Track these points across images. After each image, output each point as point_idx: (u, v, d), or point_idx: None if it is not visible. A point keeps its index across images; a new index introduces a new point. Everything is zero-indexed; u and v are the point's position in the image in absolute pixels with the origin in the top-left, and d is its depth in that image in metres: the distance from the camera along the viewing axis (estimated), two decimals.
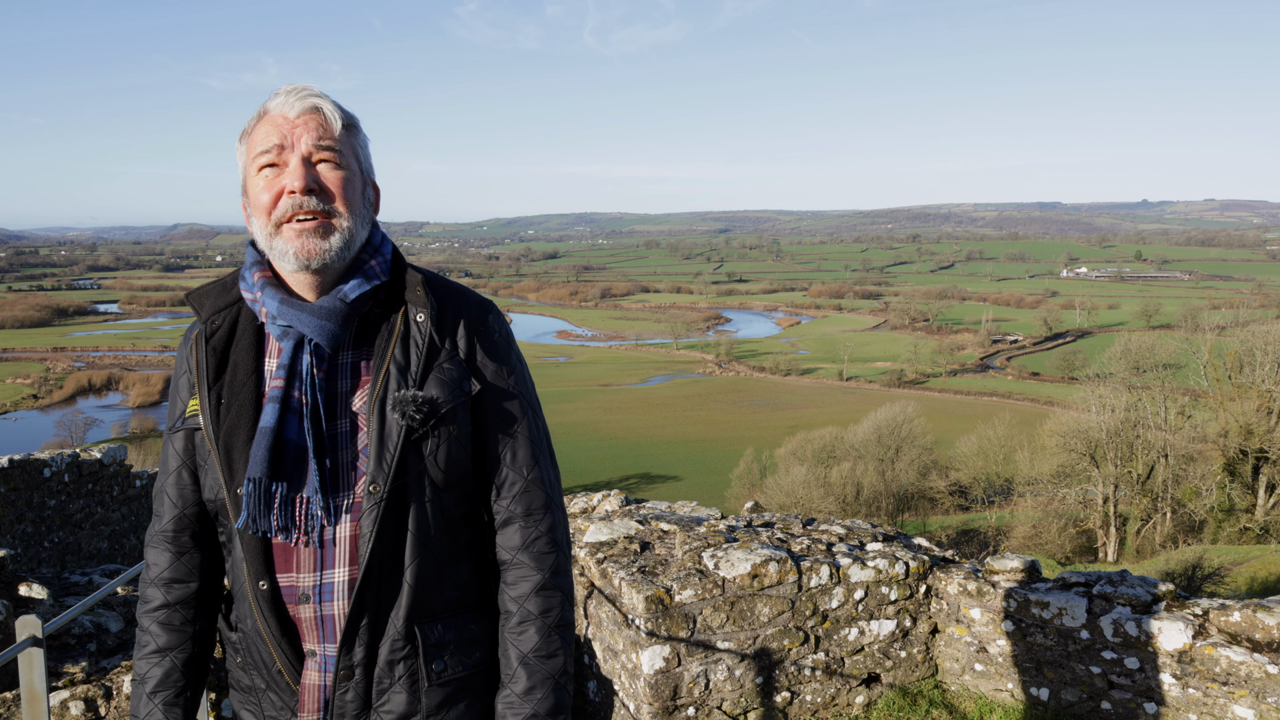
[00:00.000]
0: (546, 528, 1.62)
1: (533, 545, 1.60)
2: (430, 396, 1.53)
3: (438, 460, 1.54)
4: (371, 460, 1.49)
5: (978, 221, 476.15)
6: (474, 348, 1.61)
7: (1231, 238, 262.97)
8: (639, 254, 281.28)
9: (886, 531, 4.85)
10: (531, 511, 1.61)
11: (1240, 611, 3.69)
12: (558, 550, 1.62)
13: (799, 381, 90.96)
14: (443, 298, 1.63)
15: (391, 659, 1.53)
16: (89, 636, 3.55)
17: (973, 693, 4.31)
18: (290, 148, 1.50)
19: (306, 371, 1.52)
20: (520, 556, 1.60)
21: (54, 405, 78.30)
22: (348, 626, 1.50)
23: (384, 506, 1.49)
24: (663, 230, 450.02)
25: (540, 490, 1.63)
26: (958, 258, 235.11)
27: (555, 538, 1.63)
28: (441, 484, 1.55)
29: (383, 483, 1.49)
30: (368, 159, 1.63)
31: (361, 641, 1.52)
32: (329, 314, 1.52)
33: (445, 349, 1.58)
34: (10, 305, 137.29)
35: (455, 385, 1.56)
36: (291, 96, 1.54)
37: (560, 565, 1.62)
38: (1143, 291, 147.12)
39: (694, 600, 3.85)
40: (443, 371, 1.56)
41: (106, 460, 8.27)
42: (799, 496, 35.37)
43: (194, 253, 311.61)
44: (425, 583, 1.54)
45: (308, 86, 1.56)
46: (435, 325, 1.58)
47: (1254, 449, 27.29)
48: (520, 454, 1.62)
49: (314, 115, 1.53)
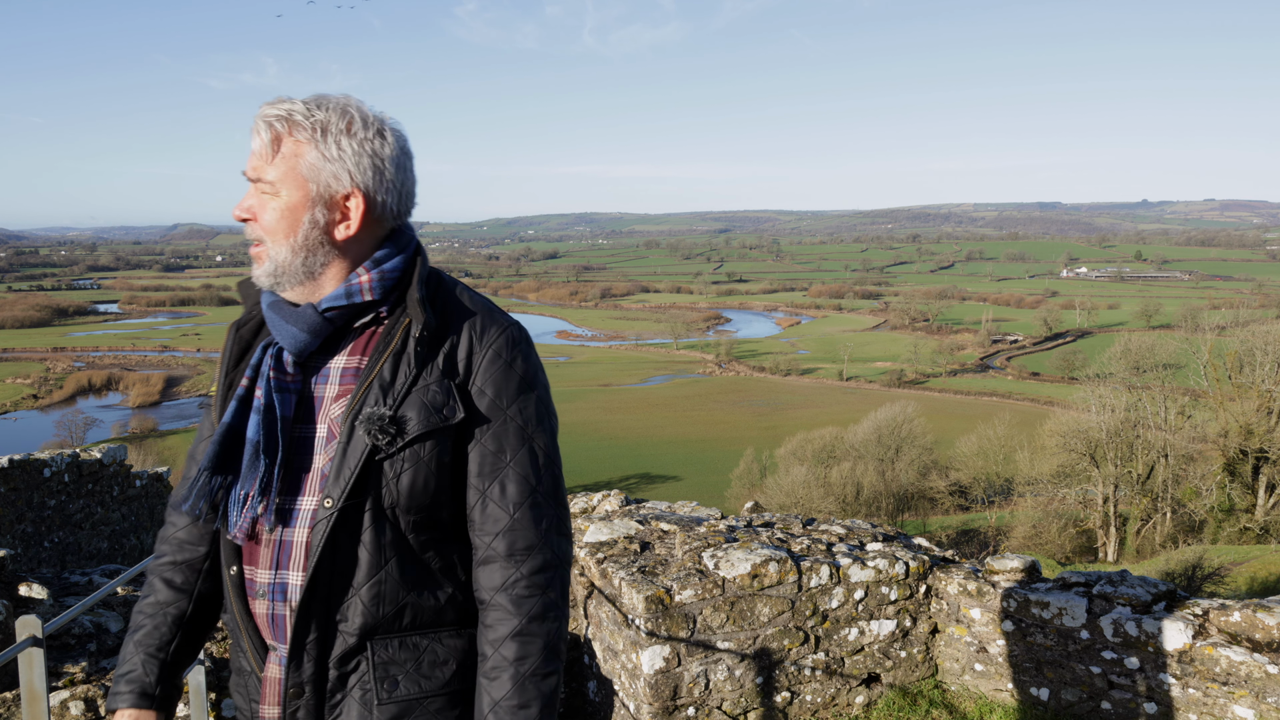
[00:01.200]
0: (529, 570, 1.52)
1: (512, 587, 1.52)
2: (401, 417, 1.48)
3: (400, 484, 1.49)
4: (331, 473, 1.48)
5: (978, 221, 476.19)
6: (472, 372, 1.54)
7: (1231, 238, 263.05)
8: (639, 254, 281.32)
9: (886, 531, 4.85)
10: (514, 552, 1.52)
11: (1240, 611, 3.69)
12: (540, 594, 1.52)
13: (799, 381, 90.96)
14: (454, 316, 1.56)
15: (343, 672, 1.52)
16: (89, 636, 3.55)
17: (973, 693, 4.31)
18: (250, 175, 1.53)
19: (264, 374, 1.53)
20: (498, 598, 1.52)
21: (54, 405, 78.29)
22: (294, 637, 1.50)
23: (334, 521, 1.47)
24: (663, 230, 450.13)
25: (528, 530, 1.53)
26: (958, 258, 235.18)
27: (540, 581, 1.53)
28: (404, 508, 1.50)
29: (336, 498, 1.47)
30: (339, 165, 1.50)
31: (310, 656, 1.51)
32: (298, 320, 1.53)
33: (438, 370, 1.52)
34: (10, 305, 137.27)
35: (435, 410, 1.50)
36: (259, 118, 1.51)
37: (543, 611, 1.52)
38: (1143, 291, 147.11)
39: (694, 600, 3.85)
40: (426, 393, 1.50)
41: (106, 460, 8.27)
42: (799, 496, 35.38)
43: (194, 253, 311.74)
44: (382, 603, 1.51)
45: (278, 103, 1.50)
46: (428, 344, 1.52)
47: (1254, 449, 27.29)
48: (510, 489, 1.53)
49: (260, 139, 1.50)
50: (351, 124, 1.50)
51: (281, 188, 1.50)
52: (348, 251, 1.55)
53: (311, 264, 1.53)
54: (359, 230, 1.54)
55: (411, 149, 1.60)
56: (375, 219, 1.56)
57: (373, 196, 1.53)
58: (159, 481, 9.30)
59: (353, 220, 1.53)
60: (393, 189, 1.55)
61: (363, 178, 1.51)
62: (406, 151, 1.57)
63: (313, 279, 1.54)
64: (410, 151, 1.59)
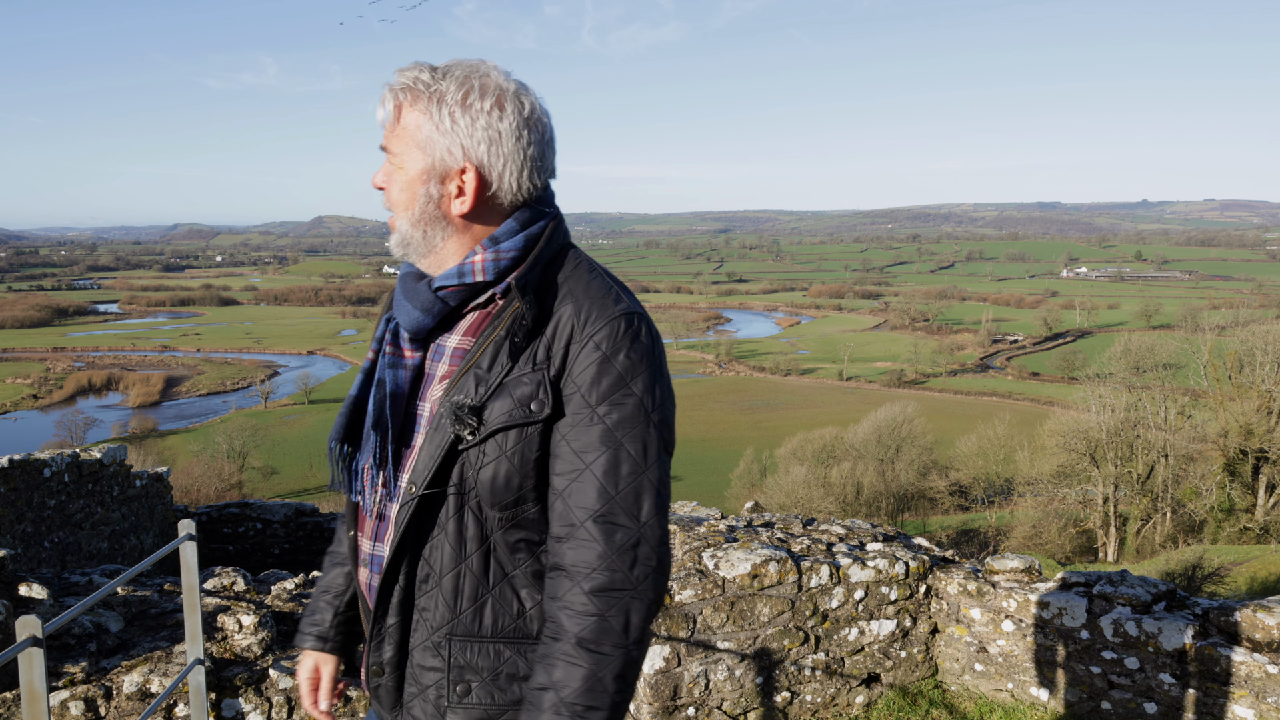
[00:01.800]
0: (589, 588, 1.38)
1: (568, 604, 1.39)
2: (484, 407, 1.42)
3: (482, 477, 1.43)
4: (419, 457, 1.46)
5: (978, 221, 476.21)
6: (569, 365, 1.42)
7: (1231, 238, 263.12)
8: (639, 254, 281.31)
9: (886, 531, 4.85)
10: (578, 565, 1.39)
11: (1240, 611, 3.69)
12: (598, 619, 1.37)
13: (799, 381, 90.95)
14: (564, 302, 1.46)
15: (422, 664, 1.50)
16: (89, 636, 3.55)
17: (973, 693, 4.31)
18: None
19: (380, 349, 1.55)
20: (553, 610, 1.41)
21: (54, 405, 78.26)
22: (375, 612, 1.52)
23: (415, 507, 1.45)
24: (663, 230, 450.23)
25: (596, 545, 1.38)
26: (958, 258, 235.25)
27: (599, 605, 1.38)
28: (488, 502, 1.44)
29: (419, 484, 1.44)
30: (452, 139, 1.44)
31: (391, 639, 1.51)
32: (415, 297, 1.51)
33: (535, 360, 1.43)
34: (10, 305, 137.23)
35: (523, 403, 1.41)
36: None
37: (596, 637, 1.37)
38: (1143, 291, 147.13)
39: (694, 600, 3.85)
40: (518, 385, 1.42)
41: (106, 460, 8.27)
42: (799, 496, 35.37)
43: (194, 253, 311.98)
44: (461, 597, 1.47)
45: (406, 68, 1.47)
46: (526, 334, 1.44)
47: (1254, 449, 27.29)
48: (585, 496, 1.40)
49: (382, 105, 1.49)
50: (468, 95, 1.43)
51: (404, 159, 1.47)
52: (467, 227, 1.50)
53: (431, 238, 1.49)
54: (474, 206, 1.48)
55: (546, 122, 1.51)
56: (492, 195, 1.48)
57: (486, 172, 1.46)
58: (159, 481, 9.30)
59: (467, 196, 1.47)
60: (513, 164, 1.46)
61: (476, 152, 1.44)
62: (533, 124, 1.47)
63: (434, 253, 1.51)
64: (539, 124, 1.49)
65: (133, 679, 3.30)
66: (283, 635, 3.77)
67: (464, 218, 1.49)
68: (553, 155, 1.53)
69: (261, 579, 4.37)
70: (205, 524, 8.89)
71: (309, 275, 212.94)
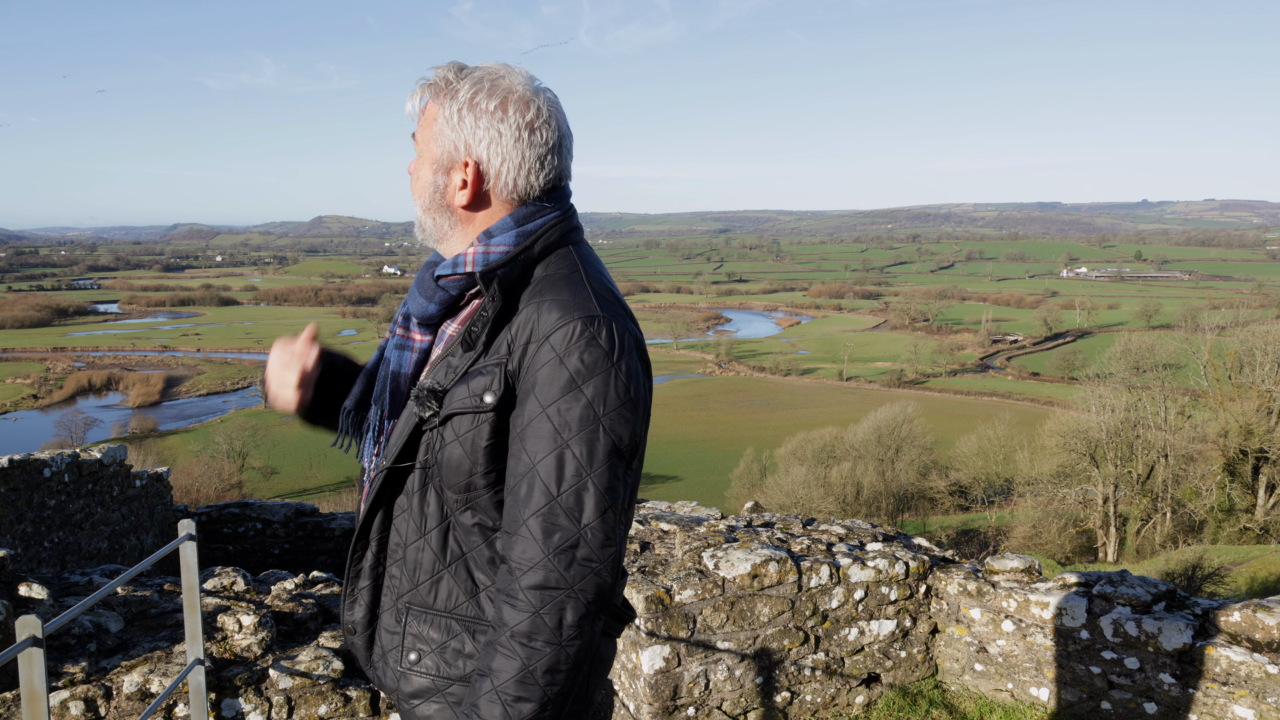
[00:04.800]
0: (526, 584, 1.41)
1: (509, 596, 1.43)
2: (445, 392, 1.52)
3: (440, 459, 1.53)
4: (393, 435, 1.61)
5: (978, 221, 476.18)
6: (525, 362, 1.47)
7: (1231, 238, 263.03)
8: (639, 254, 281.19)
9: (886, 531, 4.85)
10: (516, 561, 1.43)
11: (1240, 611, 3.69)
12: (531, 614, 1.40)
13: (799, 381, 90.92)
14: (531, 299, 1.51)
15: (386, 628, 1.63)
16: (89, 636, 3.55)
17: (973, 693, 4.31)
18: None
19: (393, 329, 1.69)
20: (497, 600, 1.46)
21: (54, 405, 78.24)
22: (347, 572, 1.66)
23: (382, 480, 1.58)
24: (663, 230, 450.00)
25: (535, 543, 1.41)
26: (958, 258, 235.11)
27: (534, 600, 1.40)
28: (446, 483, 1.53)
29: (389, 459, 1.57)
30: (457, 134, 1.55)
31: (362, 602, 1.65)
32: (421, 285, 1.63)
33: (497, 353, 1.49)
34: (10, 305, 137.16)
35: (476, 393, 1.48)
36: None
37: (528, 631, 1.40)
38: (1143, 291, 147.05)
39: (694, 600, 3.85)
40: (478, 374, 1.49)
41: (106, 460, 8.27)
42: (799, 496, 35.37)
43: (194, 253, 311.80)
44: (419, 569, 1.58)
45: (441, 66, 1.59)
46: (490, 326, 1.51)
47: (1254, 449, 27.29)
48: (531, 492, 1.43)
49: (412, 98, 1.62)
50: (476, 95, 1.54)
51: (422, 149, 1.61)
52: (470, 219, 1.60)
53: (440, 226, 1.62)
54: (473, 199, 1.58)
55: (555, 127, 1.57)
56: (490, 190, 1.57)
57: (485, 169, 1.55)
58: (159, 481, 9.30)
59: (467, 189, 1.57)
60: (511, 163, 1.54)
61: (477, 149, 1.55)
62: (537, 128, 1.54)
63: (445, 240, 1.63)
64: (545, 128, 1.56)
65: (133, 679, 3.30)
66: (283, 635, 3.77)
67: (465, 209, 1.59)
68: (559, 158, 1.59)
69: (261, 579, 4.37)
70: (205, 524, 8.89)
71: (309, 275, 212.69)
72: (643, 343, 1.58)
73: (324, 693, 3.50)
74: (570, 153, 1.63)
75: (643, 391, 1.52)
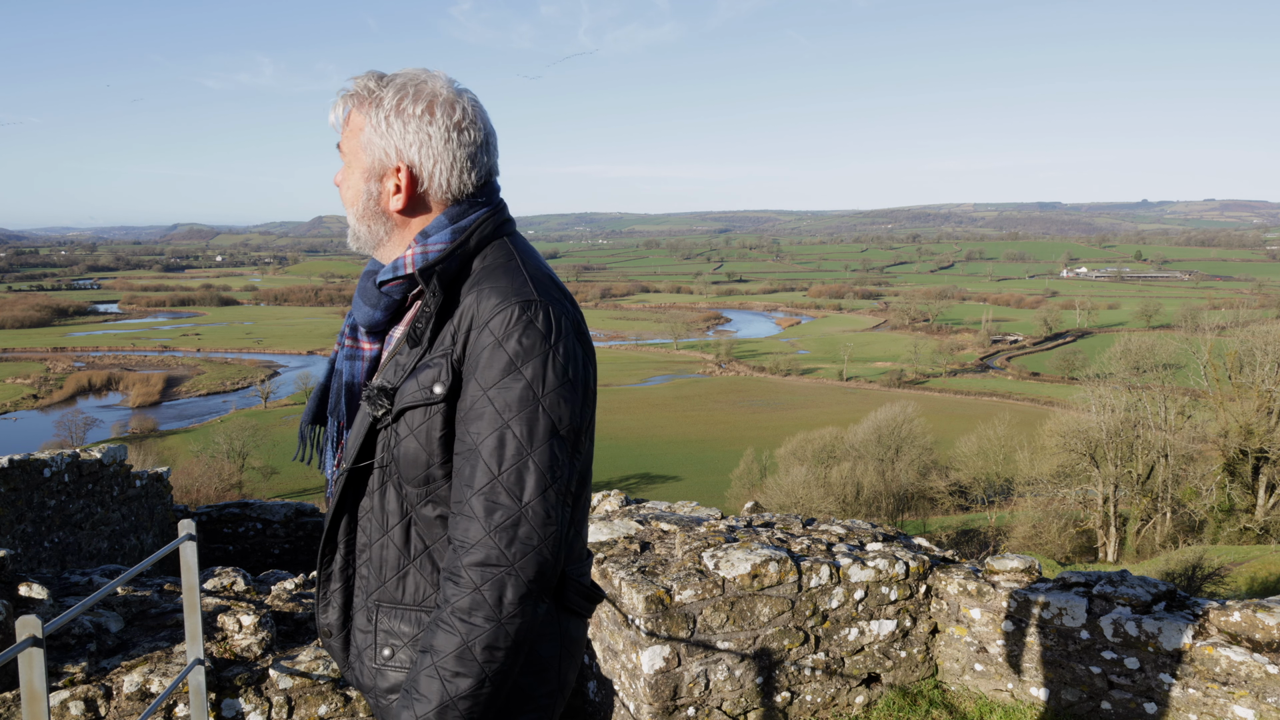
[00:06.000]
0: (468, 562, 1.43)
1: (451, 574, 1.46)
2: (395, 390, 1.56)
3: (397, 455, 1.56)
4: (349, 438, 1.64)
5: (978, 221, 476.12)
6: (468, 350, 1.51)
7: (1231, 238, 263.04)
8: (639, 254, 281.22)
9: (886, 531, 4.85)
10: (462, 540, 1.45)
11: (1240, 611, 3.69)
12: (471, 591, 1.42)
13: (799, 381, 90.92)
14: (470, 290, 1.55)
15: (359, 627, 1.65)
16: (89, 636, 3.55)
17: (973, 693, 4.31)
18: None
19: (341, 341, 1.70)
20: (443, 579, 1.48)
21: (54, 405, 78.21)
22: (318, 577, 1.69)
23: (344, 482, 1.62)
24: (663, 230, 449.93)
25: (477, 520, 1.44)
26: (958, 258, 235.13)
27: (475, 577, 1.43)
28: (405, 478, 1.56)
29: (347, 460, 1.61)
30: (387, 141, 1.57)
31: (335, 604, 1.68)
32: (363, 293, 1.66)
33: (443, 345, 1.53)
34: (10, 305, 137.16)
35: (425, 386, 1.52)
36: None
37: (468, 607, 1.42)
38: (1143, 291, 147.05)
39: (694, 600, 3.85)
40: (426, 368, 1.54)
41: (106, 460, 8.27)
42: (799, 496, 35.37)
43: (194, 253, 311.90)
44: (385, 566, 1.61)
45: (357, 76, 1.61)
46: (432, 320, 1.55)
47: (1254, 449, 27.28)
48: (474, 473, 1.46)
49: (334, 109, 1.64)
50: (402, 101, 1.56)
51: (350, 159, 1.62)
52: (406, 223, 1.63)
53: (376, 233, 1.63)
54: (408, 203, 1.60)
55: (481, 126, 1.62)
56: (425, 193, 1.60)
57: (418, 172, 1.58)
58: (159, 481, 9.30)
59: (401, 194, 1.59)
60: (443, 165, 1.58)
61: (408, 153, 1.57)
62: (464, 128, 1.58)
63: (382, 246, 1.65)
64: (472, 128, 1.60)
65: (133, 679, 3.30)
66: (283, 635, 3.77)
67: (401, 213, 1.62)
68: (487, 155, 1.64)
69: (261, 579, 4.37)
70: (205, 524, 8.89)
71: (309, 275, 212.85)
72: (583, 326, 1.62)
73: (324, 693, 3.50)
74: (497, 150, 1.67)
75: (581, 373, 1.54)
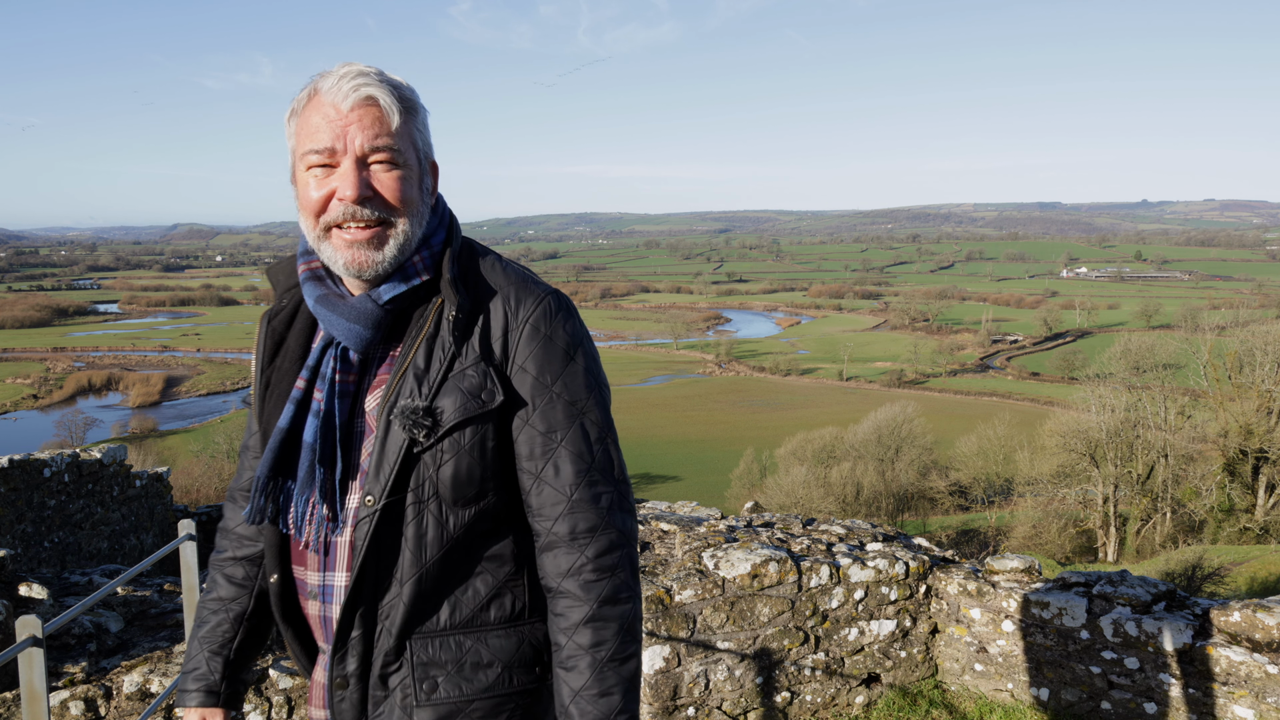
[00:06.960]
0: (594, 552, 1.44)
1: (579, 573, 1.44)
2: (437, 408, 1.40)
3: (443, 476, 1.42)
4: (370, 471, 1.42)
5: (978, 221, 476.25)
6: (511, 350, 1.44)
7: (1231, 238, 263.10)
8: (639, 254, 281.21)
9: (886, 531, 4.85)
10: (577, 535, 1.44)
11: (1240, 611, 3.69)
12: (610, 576, 1.45)
13: (799, 381, 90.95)
14: (487, 292, 1.47)
15: (384, 673, 1.47)
16: (89, 636, 3.55)
17: (973, 693, 4.31)
18: (343, 150, 1.38)
19: (329, 376, 1.46)
20: (565, 584, 1.45)
21: (54, 405, 78.23)
22: (338, 635, 1.47)
23: (377, 520, 1.41)
24: (663, 230, 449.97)
25: (589, 511, 1.44)
26: (958, 258, 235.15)
27: (608, 563, 1.45)
28: (450, 500, 1.43)
29: (377, 496, 1.41)
30: (426, 140, 1.48)
31: (355, 653, 1.47)
32: (359, 316, 1.43)
33: (475, 352, 1.43)
34: (10, 305, 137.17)
35: (473, 395, 1.41)
36: (345, 82, 1.38)
37: (614, 593, 1.45)
38: (1143, 291, 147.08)
39: (694, 600, 3.85)
40: (464, 379, 1.41)
41: (106, 460, 8.27)
42: (799, 496, 35.38)
43: (194, 253, 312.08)
44: (424, 600, 1.46)
45: (364, 70, 1.40)
46: (462, 326, 1.43)
47: (1254, 449, 27.30)
48: (564, 470, 1.44)
49: (369, 108, 1.38)
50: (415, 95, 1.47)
51: (409, 153, 1.43)
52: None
53: (419, 236, 1.47)
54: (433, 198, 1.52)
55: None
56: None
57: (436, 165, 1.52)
58: (159, 481, 9.30)
59: (435, 185, 1.52)
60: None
61: (430, 150, 1.50)
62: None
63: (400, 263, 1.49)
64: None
65: (133, 679, 3.30)
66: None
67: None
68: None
69: None
70: (205, 524, 8.89)
71: None
72: None
73: None
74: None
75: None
